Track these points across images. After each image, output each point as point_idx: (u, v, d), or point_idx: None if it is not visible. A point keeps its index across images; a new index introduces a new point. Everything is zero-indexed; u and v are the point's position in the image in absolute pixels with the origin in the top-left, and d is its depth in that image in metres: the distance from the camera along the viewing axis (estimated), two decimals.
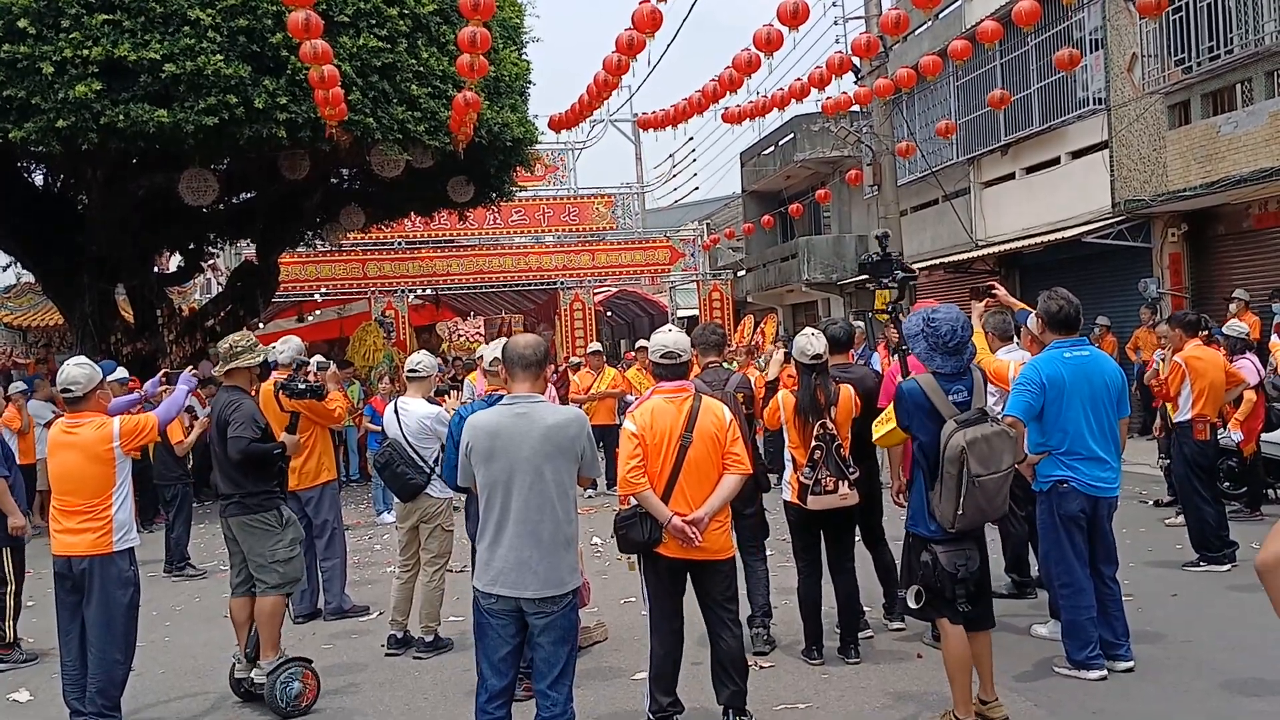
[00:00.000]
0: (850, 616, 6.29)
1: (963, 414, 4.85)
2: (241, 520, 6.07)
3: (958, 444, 4.71)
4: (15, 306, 24.88)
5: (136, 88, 11.41)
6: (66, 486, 5.52)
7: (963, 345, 4.94)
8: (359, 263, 23.89)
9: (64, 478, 5.53)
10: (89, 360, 5.80)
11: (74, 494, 5.48)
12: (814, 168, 26.89)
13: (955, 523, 4.78)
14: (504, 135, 14.58)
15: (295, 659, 6.04)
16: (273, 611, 6.01)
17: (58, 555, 5.52)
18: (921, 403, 4.91)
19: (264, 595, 6.01)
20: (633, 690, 5.83)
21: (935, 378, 4.94)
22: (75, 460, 5.50)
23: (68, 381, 5.55)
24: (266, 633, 6.01)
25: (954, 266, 20.74)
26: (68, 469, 5.52)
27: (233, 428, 6.00)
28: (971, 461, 4.70)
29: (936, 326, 4.91)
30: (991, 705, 4.97)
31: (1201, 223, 15.74)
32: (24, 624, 7.56)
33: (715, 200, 36.97)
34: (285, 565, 6.04)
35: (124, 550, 5.53)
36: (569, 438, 4.41)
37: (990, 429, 4.83)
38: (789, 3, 11.03)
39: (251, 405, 6.18)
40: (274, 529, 6.05)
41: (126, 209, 14.67)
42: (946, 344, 4.90)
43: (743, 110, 16.35)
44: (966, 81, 19.97)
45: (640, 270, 26.41)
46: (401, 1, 12.80)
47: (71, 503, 5.48)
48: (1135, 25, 15.49)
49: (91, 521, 5.45)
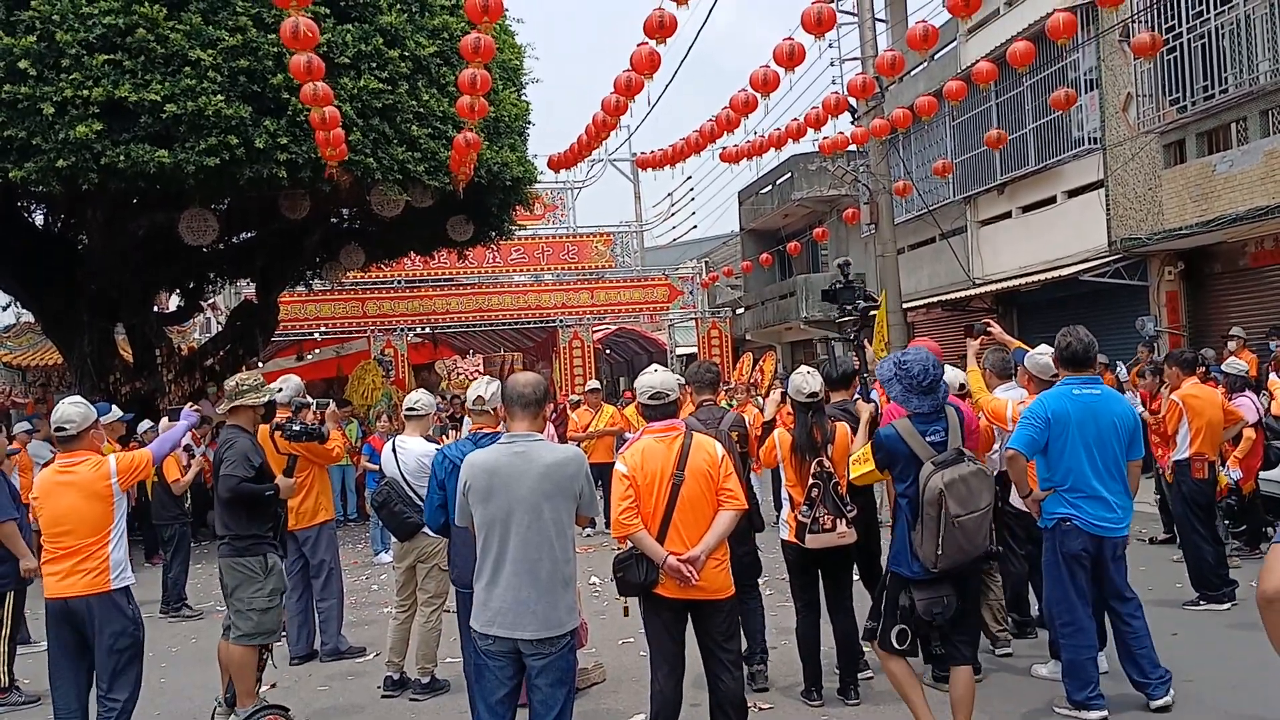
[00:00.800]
0: (849, 657, 6.25)
1: (940, 455, 4.94)
2: (228, 562, 6.03)
3: (936, 486, 4.82)
4: (14, 346, 24.86)
5: (137, 128, 11.46)
6: (63, 528, 5.38)
7: (935, 384, 5.04)
8: (358, 301, 23.93)
9: (59, 519, 5.39)
10: (84, 400, 5.75)
11: (71, 534, 5.36)
12: (811, 206, 27.04)
13: (937, 563, 4.86)
14: (503, 175, 14.66)
15: (269, 706, 5.89)
16: (242, 661, 5.93)
17: (52, 599, 5.38)
18: (900, 448, 5.04)
19: (234, 642, 5.95)
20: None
21: (912, 420, 5.06)
22: (73, 500, 5.39)
23: (62, 420, 5.49)
24: (238, 681, 5.94)
25: (951, 304, 20.81)
26: (65, 510, 5.39)
27: (225, 466, 5.99)
28: (950, 502, 4.81)
29: (909, 368, 5.03)
30: None
31: (1198, 261, 15.81)
32: (24, 666, 7.52)
33: (713, 239, 37.13)
34: (261, 615, 5.94)
35: (121, 589, 5.44)
36: (567, 476, 4.40)
37: (968, 469, 4.92)
38: (785, 45, 11.12)
39: (247, 444, 6.12)
40: (256, 576, 5.97)
41: (126, 248, 14.70)
42: (920, 384, 5.01)
43: (740, 150, 16.47)
44: (963, 121, 20.12)
45: (639, 308, 26.47)
46: (402, 44, 12.90)
47: (66, 544, 5.36)
48: (1130, 65, 15.63)
49: (88, 561, 5.34)
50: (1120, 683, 5.84)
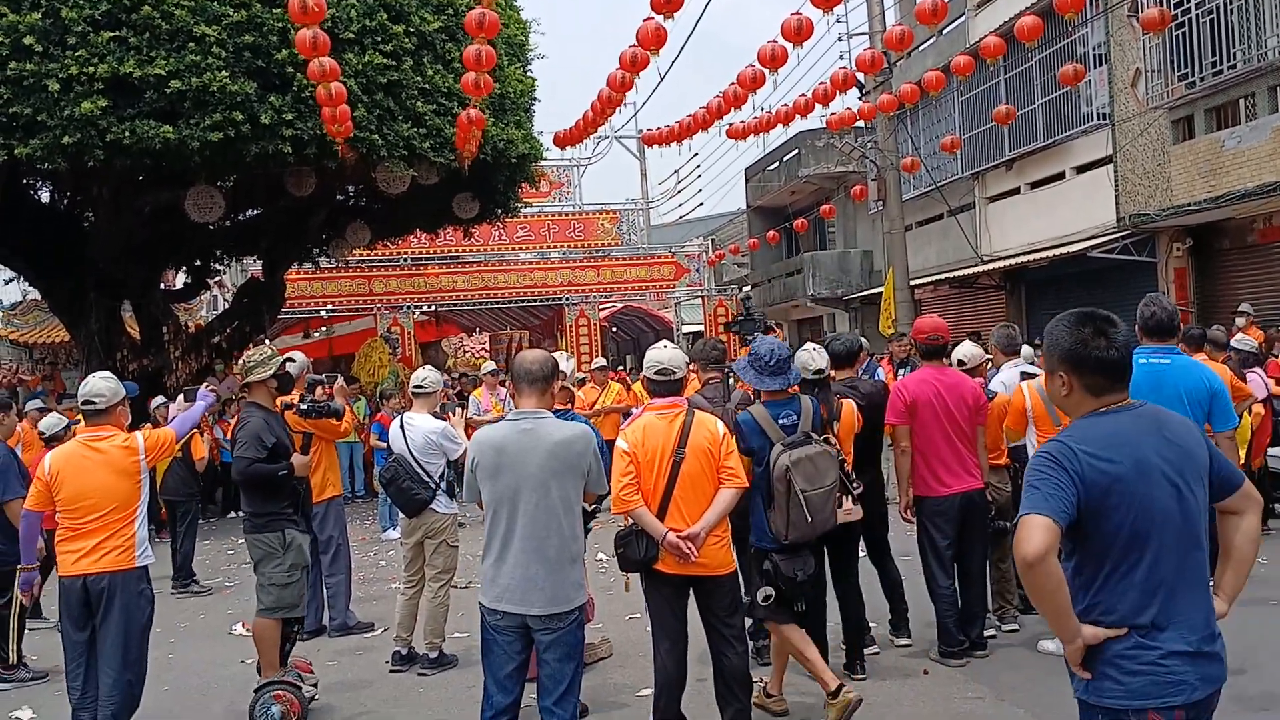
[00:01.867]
0: (855, 632, 6.27)
1: (790, 437, 5.29)
2: (250, 538, 6.08)
3: (783, 464, 5.16)
4: (21, 323, 24.94)
5: (142, 104, 11.44)
6: (87, 504, 5.27)
7: (782, 365, 5.39)
8: (365, 279, 23.93)
9: (85, 494, 5.28)
10: (114, 375, 5.72)
11: (95, 510, 5.27)
12: (818, 183, 26.94)
13: (787, 535, 5.16)
14: (509, 152, 14.61)
15: (278, 682, 5.90)
16: (263, 634, 5.97)
17: (69, 576, 5.28)
18: (756, 430, 5.36)
19: (257, 616, 6.01)
20: (638, 707, 5.81)
21: (766, 406, 5.43)
22: (103, 476, 5.31)
23: (92, 394, 5.41)
24: (262, 654, 5.99)
25: (959, 282, 20.77)
26: (93, 485, 5.29)
27: (237, 447, 6.00)
28: (797, 478, 5.15)
29: (758, 353, 5.45)
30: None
31: (1206, 237, 15.74)
32: (33, 642, 7.56)
33: (720, 216, 37.02)
34: (281, 590, 5.98)
35: (143, 566, 5.42)
36: (575, 454, 4.41)
37: (814, 449, 5.28)
38: (793, 19, 11.04)
39: (258, 424, 6.09)
40: (275, 551, 6.00)
41: (132, 226, 14.70)
42: (767, 364, 5.38)
43: (747, 126, 16.37)
44: (971, 97, 20.01)
45: (645, 286, 26.43)
46: (407, 19, 12.84)
47: (89, 521, 5.27)
48: (1139, 40, 15.52)
49: (115, 539, 5.28)
50: None
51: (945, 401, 6.37)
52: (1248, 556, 3.02)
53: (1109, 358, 2.91)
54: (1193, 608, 2.83)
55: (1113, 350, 2.91)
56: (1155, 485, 2.81)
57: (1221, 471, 2.97)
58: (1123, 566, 2.83)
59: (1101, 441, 2.84)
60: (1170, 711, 2.78)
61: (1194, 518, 2.86)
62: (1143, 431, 2.88)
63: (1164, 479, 2.82)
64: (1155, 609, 2.80)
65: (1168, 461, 2.84)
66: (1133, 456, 2.82)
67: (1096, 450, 2.81)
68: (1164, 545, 2.81)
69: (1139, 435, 2.87)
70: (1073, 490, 2.78)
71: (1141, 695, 2.78)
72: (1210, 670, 2.83)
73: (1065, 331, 2.98)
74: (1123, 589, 2.83)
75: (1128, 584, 2.82)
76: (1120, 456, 2.81)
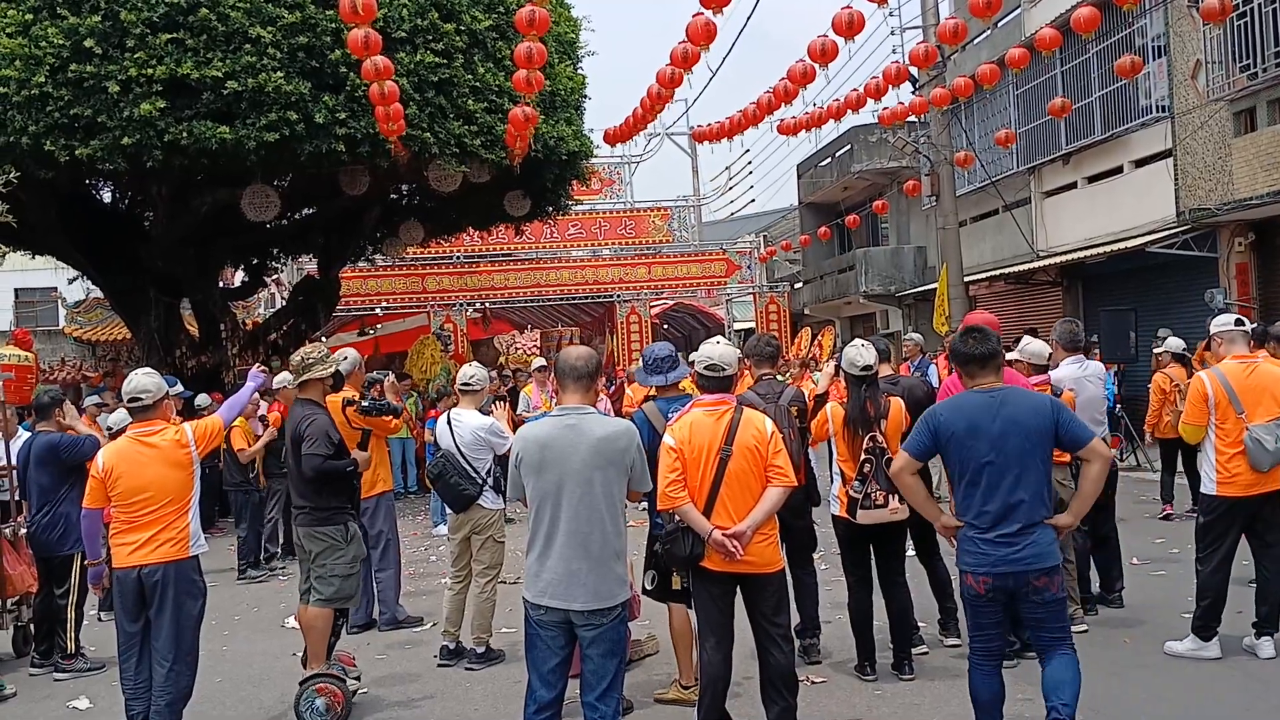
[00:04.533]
0: (903, 632, 6.22)
1: None
2: (310, 530, 6.12)
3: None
4: (84, 321, 25.50)
5: (199, 105, 11.62)
6: (142, 498, 5.40)
7: (663, 364, 5.77)
8: (418, 277, 24.14)
9: (138, 489, 5.40)
10: (156, 370, 5.84)
11: (153, 503, 5.40)
12: (871, 179, 26.72)
13: (669, 521, 5.07)
14: (560, 149, 14.65)
15: (321, 674, 5.96)
16: (316, 624, 6.04)
17: (124, 568, 5.41)
18: (645, 425, 5.56)
19: (312, 605, 6.07)
20: (682, 704, 5.80)
21: (657, 403, 5.80)
22: (157, 469, 5.43)
23: (137, 390, 5.54)
24: (311, 643, 6.06)
25: (1015, 278, 20.49)
26: (149, 479, 5.41)
27: (307, 444, 6.03)
28: None
29: (646, 353, 5.96)
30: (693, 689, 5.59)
31: (1269, 232, 15.39)
32: (90, 633, 7.71)
33: (772, 213, 36.84)
34: (342, 581, 6.08)
35: (195, 557, 5.53)
36: (619, 450, 4.41)
37: None
38: (844, 14, 10.96)
39: (325, 421, 6.19)
40: (339, 544, 6.09)
41: (191, 225, 14.94)
42: (648, 363, 5.84)
43: (799, 122, 16.27)
44: (1026, 90, 19.74)
45: (697, 283, 26.38)
46: (458, 18, 12.91)
47: (144, 514, 5.40)
48: (1199, 31, 15.21)
49: (169, 530, 5.40)
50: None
51: None
52: (1087, 491, 4.74)
53: (971, 353, 4.74)
54: (997, 515, 4.55)
55: (977, 348, 4.73)
56: (979, 440, 4.58)
57: (1068, 434, 4.64)
58: (962, 485, 4.68)
59: (951, 409, 4.76)
60: (979, 576, 4.61)
61: (1008, 462, 4.54)
62: (984, 405, 4.63)
63: (985, 436, 4.57)
64: (974, 512, 4.62)
65: (996, 426, 4.57)
66: (968, 420, 4.62)
67: (947, 415, 4.73)
68: (990, 478, 4.56)
69: (980, 408, 4.63)
70: (929, 438, 4.75)
71: (968, 564, 4.66)
72: (1006, 553, 4.53)
73: (956, 339, 4.89)
74: (964, 498, 4.68)
75: (969, 496, 4.65)
76: (960, 419, 4.65)
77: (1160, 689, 5.71)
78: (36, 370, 14.80)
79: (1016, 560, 4.51)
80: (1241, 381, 6.06)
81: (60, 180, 12.81)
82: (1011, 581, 4.53)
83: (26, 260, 19.67)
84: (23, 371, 13.66)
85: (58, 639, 7.48)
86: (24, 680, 7.32)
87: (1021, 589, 4.53)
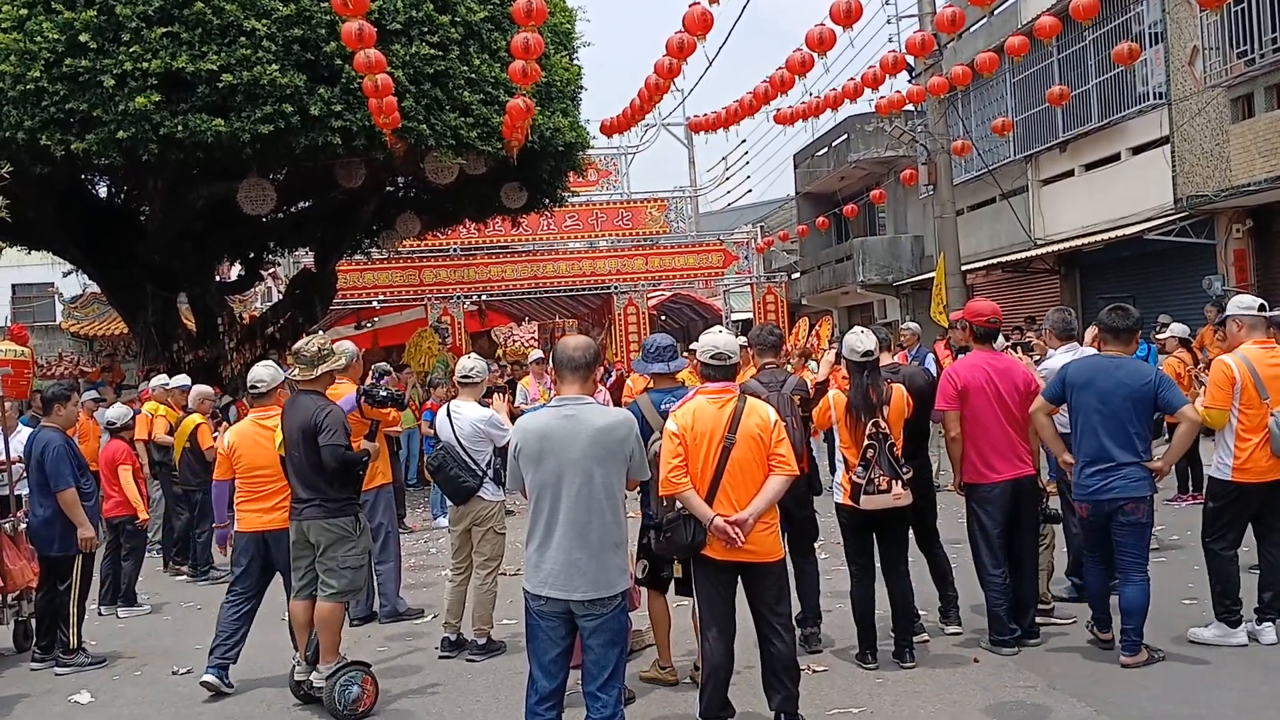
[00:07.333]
0: (904, 620, 6.22)
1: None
2: (320, 524, 6.04)
3: (654, 450, 5.18)
4: (81, 316, 25.44)
5: (195, 99, 11.57)
6: (262, 473, 6.47)
7: (664, 353, 5.94)
8: (415, 269, 24.07)
9: (260, 465, 6.46)
10: (274, 363, 6.85)
11: (271, 479, 6.41)
12: (868, 168, 26.72)
13: (663, 514, 5.12)
14: (556, 140, 14.59)
15: (354, 663, 6.07)
16: (330, 618, 6.06)
17: (248, 531, 6.49)
18: (639, 416, 5.53)
19: (325, 600, 6.06)
20: (684, 693, 5.80)
21: (651, 394, 5.93)
22: (272, 449, 6.35)
23: (255, 379, 6.62)
24: (326, 638, 6.05)
25: (1012, 266, 20.51)
26: (264, 458, 6.43)
27: (326, 434, 5.98)
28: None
29: (647, 344, 6.14)
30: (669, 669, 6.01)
31: (1267, 218, 15.40)
32: (90, 628, 7.70)
33: (769, 203, 36.81)
34: (354, 573, 6.11)
35: None
36: (617, 440, 4.41)
37: None
38: (841, 2, 10.92)
39: (340, 412, 6.20)
40: (350, 535, 6.09)
41: (187, 219, 14.89)
42: (649, 351, 6.01)
43: (795, 111, 16.24)
44: (1023, 78, 19.73)
45: (694, 274, 26.33)
46: (453, 9, 12.85)
47: (264, 486, 6.46)
48: (1196, 18, 15.20)
49: (284, 501, 6.27)
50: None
51: (997, 387, 6.27)
52: (1177, 446, 6.13)
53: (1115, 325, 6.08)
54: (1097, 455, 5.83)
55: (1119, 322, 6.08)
56: (1092, 393, 5.85)
57: (1165, 401, 5.82)
58: (1077, 428, 5.95)
59: (1079, 367, 6.07)
60: (1081, 503, 5.98)
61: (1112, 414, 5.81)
62: (1103, 368, 5.93)
63: (1098, 392, 5.85)
64: (1082, 451, 5.90)
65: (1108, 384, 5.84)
66: (1088, 377, 5.92)
67: (1075, 370, 6.02)
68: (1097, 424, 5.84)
69: (1099, 369, 5.93)
70: (1060, 386, 6.03)
71: (1075, 494, 6.05)
72: (1102, 484, 5.82)
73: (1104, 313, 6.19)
74: (1078, 440, 5.94)
75: (1080, 437, 5.93)
76: (1083, 375, 5.94)
77: (1161, 674, 5.72)
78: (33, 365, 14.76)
79: (1107, 489, 5.78)
80: (1266, 367, 6.06)
81: (56, 175, 12.76)
82: (1106, 506, 5.81)
83: (23, 256, 19.65)
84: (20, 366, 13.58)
85: (59, 634, 7.47)
86: (25, 675, 7.31)
87: (1114, 513, 5.78)
